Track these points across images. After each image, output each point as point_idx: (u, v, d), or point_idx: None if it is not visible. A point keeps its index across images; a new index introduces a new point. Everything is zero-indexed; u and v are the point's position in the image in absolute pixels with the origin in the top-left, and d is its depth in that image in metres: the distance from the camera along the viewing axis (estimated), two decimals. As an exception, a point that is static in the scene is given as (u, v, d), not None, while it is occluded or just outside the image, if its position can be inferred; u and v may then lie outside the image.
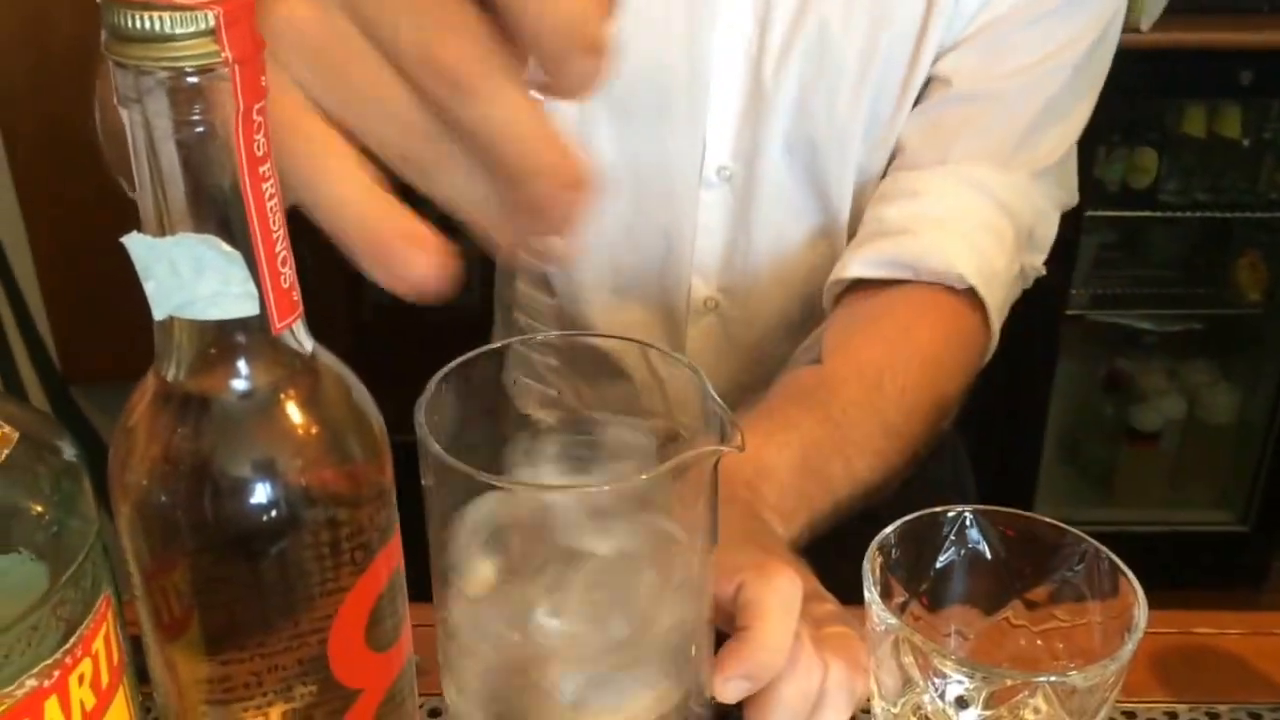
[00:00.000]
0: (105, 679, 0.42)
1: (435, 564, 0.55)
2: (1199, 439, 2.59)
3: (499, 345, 0.60)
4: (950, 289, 0.95)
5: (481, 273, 3.11)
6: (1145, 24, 1.90)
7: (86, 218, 2.23)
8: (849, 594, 0.71)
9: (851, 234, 1.03)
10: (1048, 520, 0.61)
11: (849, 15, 0.95)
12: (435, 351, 0.57)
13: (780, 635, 0.61)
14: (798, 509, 0.80)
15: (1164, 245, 2.54)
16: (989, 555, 0.62)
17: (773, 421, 0.84)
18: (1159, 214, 2.38)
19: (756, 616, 0.61)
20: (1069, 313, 2.38)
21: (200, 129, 0.39)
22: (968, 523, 0.62)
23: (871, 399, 0.87)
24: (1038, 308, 0.99)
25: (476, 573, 0.55)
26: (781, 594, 0.62)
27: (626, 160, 1.02)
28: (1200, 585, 2.35)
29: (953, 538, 0.62)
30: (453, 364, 0.57)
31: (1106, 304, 2.52)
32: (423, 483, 0.53)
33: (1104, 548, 0.59)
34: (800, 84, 0.97)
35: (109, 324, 2.34)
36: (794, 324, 1.07)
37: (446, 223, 0.45)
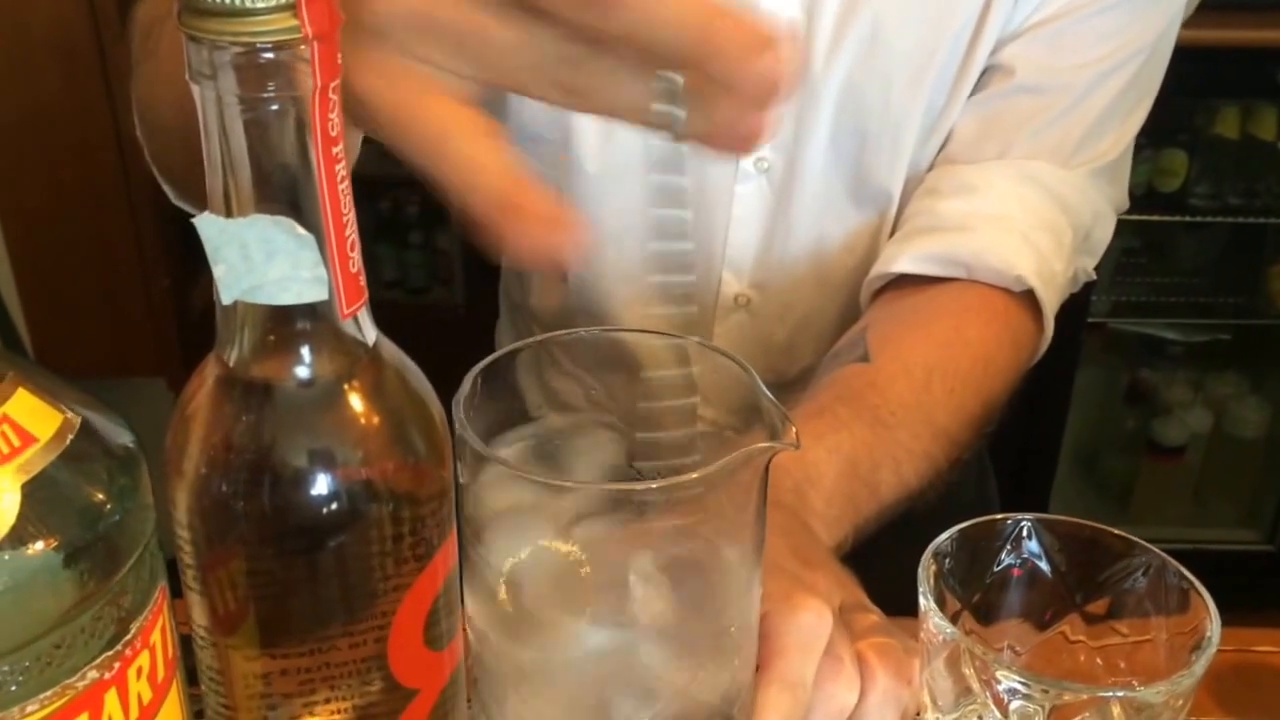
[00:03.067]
0: (161, 673, 0.43)
1: (468, 565, 0.55)
2: (1224, 454, 2.60)
3: (534, 341, 0.60)
4: (1004, 289, 0.95)
5: (466, 271, 3.09)
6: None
7: (64, 210, 2.25)
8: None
9: (896, 229, 1.03)
10: (1113, 531, 0.61)
11: (904, 8, 0.95)
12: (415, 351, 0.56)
13: (796, 672, 0.62)
14: (844, 515, 0.80)
15: (1192, 251, 2.54)
16: (1047, 566, 0.62)
17: (822, 422, 0.84)
18: (1187, 218, 2.38)
19: (775, 653, 0.62)
20: (1090, 320, 2.39)
21: (275, 106, 0.39)
22: (1026, 532, 0.62)
23: (921, 401, 0.88)
24: (1058, 314, 0.99)
25: (511, 576, 0.56)
26: (803, 631, 0.63)
27: (656, 150, 1.02)
28: (1222, 607, 2.35)
29: (1009, 547, 0.63)
30: (487, 360, 0.57)
31: (1129, 312, 2.52)
32: (460, 481, 0.54)
33: (1172, 560, 0.59)
34: (851, 74, 0.97)
35: (86, 317, 2.35)
36: (829, 323, 1.08)
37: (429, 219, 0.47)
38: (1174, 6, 0.99)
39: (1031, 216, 0.96)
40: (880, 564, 0.76)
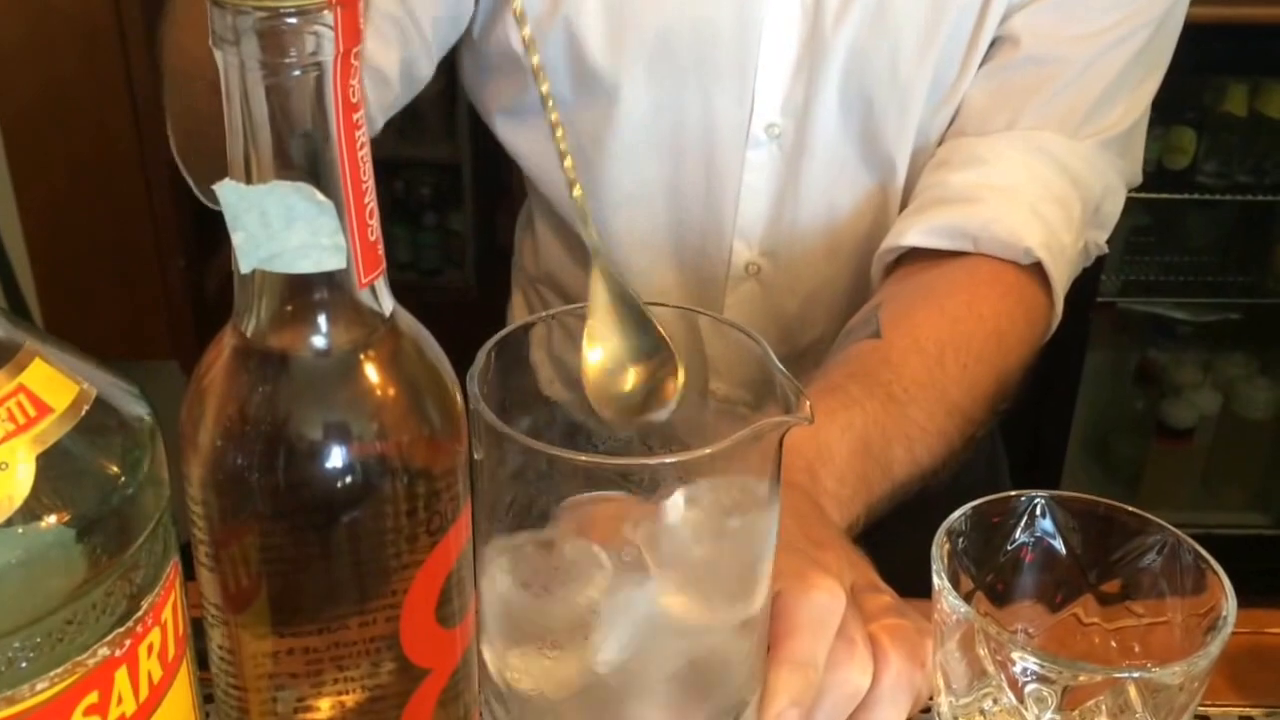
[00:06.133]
0: (172, 650, 0.42)
1: (481, 541, 0.54)
2: (1234, 436, 2.59)
3: (546, 315, 0.59)
4: (1014, 262, 0.94)
5: (478, 253, 3.09)
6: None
7: (81, 191, 2.25)
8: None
9: (906, 199, 1.03)
10: (1126, 508, 0.60)
11: None
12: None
13: (808, 652, 0.61)
14: (856, 495, 0.80)
15: (1201, 230, 2.53)
16: (1060, 545, 0.62)
17: (834, 399, 0.83)
18: (1195, 196, 2.36)
19: (786, 633, 0.61)
20: (1099, 300, 2.38)
21: (297, 72, 0.39)
22: (1039, 510, 0.62)
23: (934, 377, 0.87)
24: (1067, 294, 0.99)
25: (524, 552, 0.55)
26: (815, 610, 0.62)
27: (667, 118, 1.02)
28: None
29: (1023, 525, 0.62)
30: (501, 334, 0.57)
31: (1139, 291, 2.51)
32: (474, 456, 0.53)
33: (1188, 538, 0.59)
34: (860, 38, 0.97)
35: (100, 298, 2.35)
36: (839, 292, 1.07)
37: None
38: None
39: (1040, 188, 0.96)
40: (891, 546, 0.75)
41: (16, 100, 2.16)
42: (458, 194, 3.11)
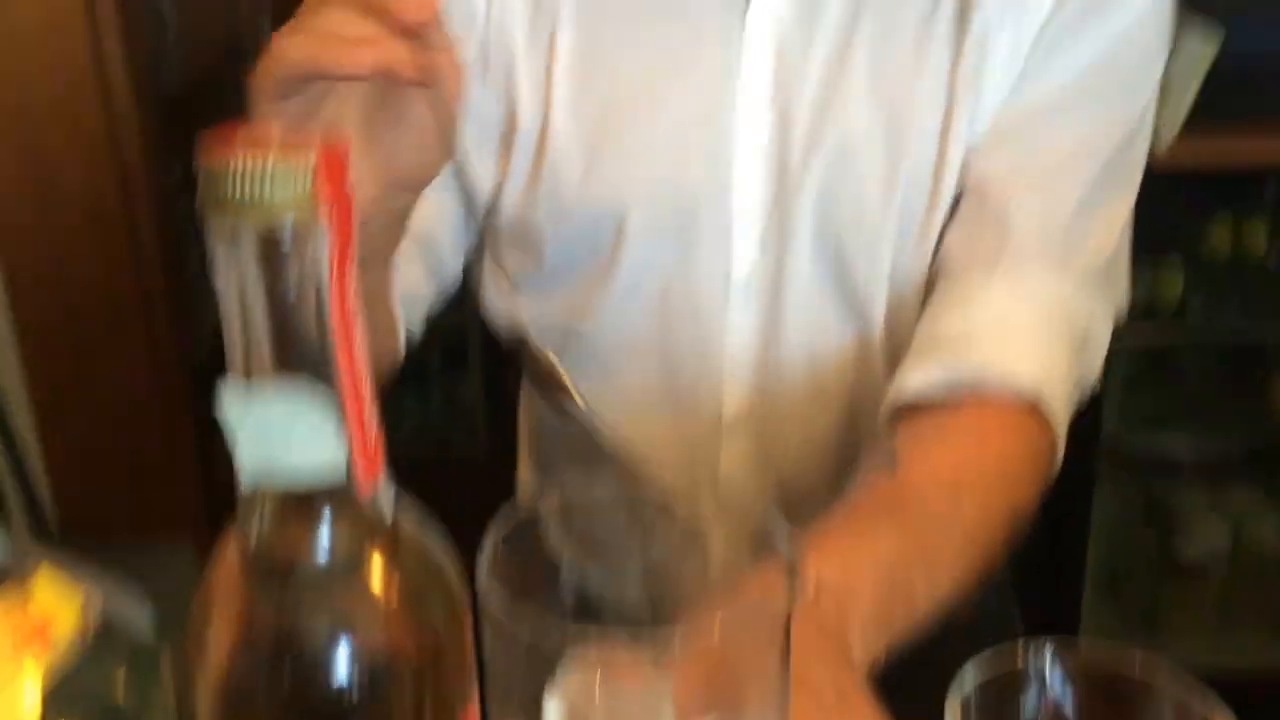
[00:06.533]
0: None
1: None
2: (1248, 569, 2.56)
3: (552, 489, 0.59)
4: (1013, 403, 0.95)
5: (488, 421, 3.07)
6: (1161, 145, 1.85)
7: (89, 362, 2.25)
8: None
9: (891, 346, 1.04)
10: (1139, 657, 0.59)
11: (870, 123, 0.98)
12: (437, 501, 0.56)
13: None
14: (880, 632, 0.79)
15: (1194, 365, 2.54)
16: (1073, 708, 0.61)
17: (852, 534, 0.84)
18: (1188, 331, 2.37)
19: None
20: (1102, 442, 2.37)
21: (293, 278, 0.40)
22: (1049, 670, 0.61)
23: (951, 510, 0.88)
24: (1071, 436, 0.99)
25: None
26: None
27: (654, 278, 1.04)
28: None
29: (1034, 688, 0.61)
30: (508, 523, 0.57)
31: (1138, 428, 2.51)
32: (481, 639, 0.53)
33: (1202, 688, 0.58)
34: (825, 189, 1.00)
35: (111, 477, 2.34)
36: (830, 440, 1.08)
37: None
38: (1135, 109, 1.01)
39: (1029, 325, 0.97)
40: (903, 688, 0.74)
41: (25, 280, 2.18)
42: (465, 362, 3.13)
